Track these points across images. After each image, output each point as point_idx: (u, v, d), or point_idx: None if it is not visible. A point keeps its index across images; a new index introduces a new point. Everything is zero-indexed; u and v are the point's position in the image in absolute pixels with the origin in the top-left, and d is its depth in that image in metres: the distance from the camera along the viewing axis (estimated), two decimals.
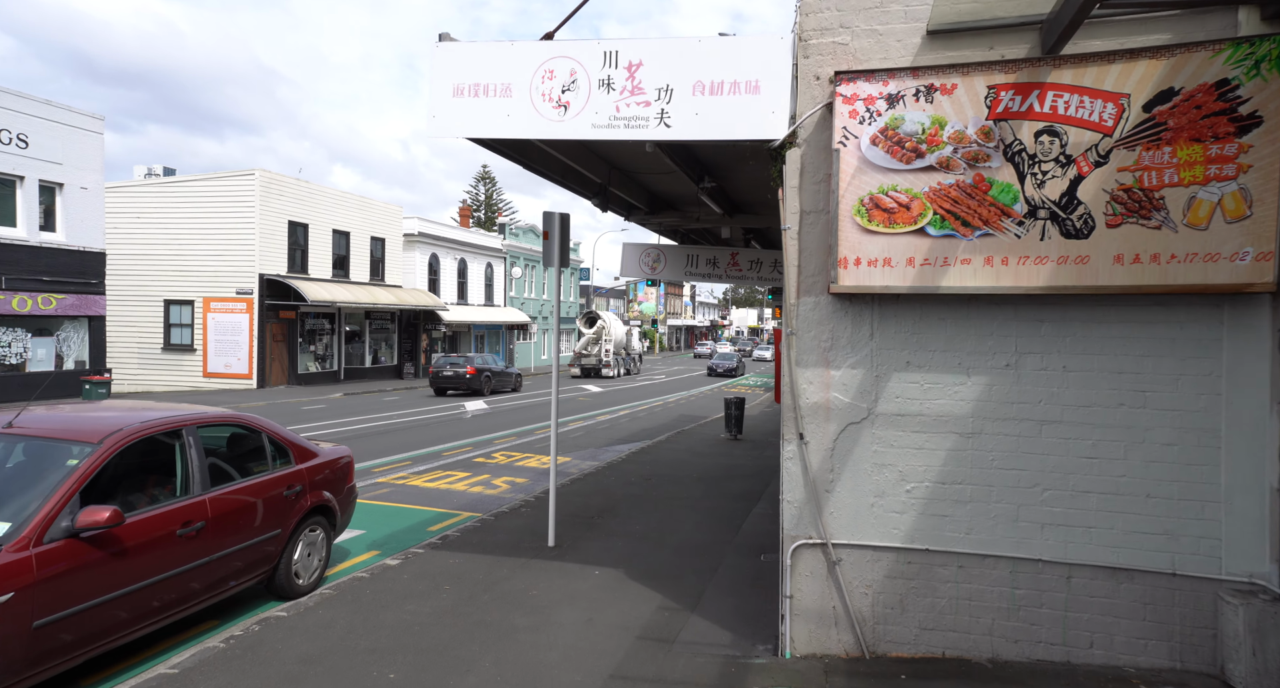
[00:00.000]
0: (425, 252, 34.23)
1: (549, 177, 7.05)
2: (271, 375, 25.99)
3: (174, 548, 4.51)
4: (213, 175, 26.17)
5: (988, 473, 4.34)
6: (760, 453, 14.09)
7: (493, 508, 9.07)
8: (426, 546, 7.08)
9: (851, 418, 4.56)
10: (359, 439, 14.46)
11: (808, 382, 4.64)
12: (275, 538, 5.45)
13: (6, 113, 18.39)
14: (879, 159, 4.35)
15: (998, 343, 4.35)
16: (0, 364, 18.69)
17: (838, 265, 4.42)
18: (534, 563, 6.60)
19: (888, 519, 4.49)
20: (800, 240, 4.68)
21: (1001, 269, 4.17)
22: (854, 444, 4.55)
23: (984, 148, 4.18)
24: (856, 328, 4.58)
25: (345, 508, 6.46)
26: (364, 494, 9.63)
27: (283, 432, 5.85)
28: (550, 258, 7.05)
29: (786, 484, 4.66)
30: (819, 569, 4.58)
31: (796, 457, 4.64)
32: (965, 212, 4.22)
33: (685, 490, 10.21)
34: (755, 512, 9.07)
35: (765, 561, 6.97)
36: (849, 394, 4.58)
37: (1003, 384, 4.33)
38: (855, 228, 4.39)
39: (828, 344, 4.63)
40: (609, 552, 7.07)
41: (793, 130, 4.66)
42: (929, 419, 4.44)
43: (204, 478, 4.86)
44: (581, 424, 18.28)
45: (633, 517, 8.56)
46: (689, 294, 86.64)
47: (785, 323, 4.77)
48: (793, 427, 4.66)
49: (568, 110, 4.98)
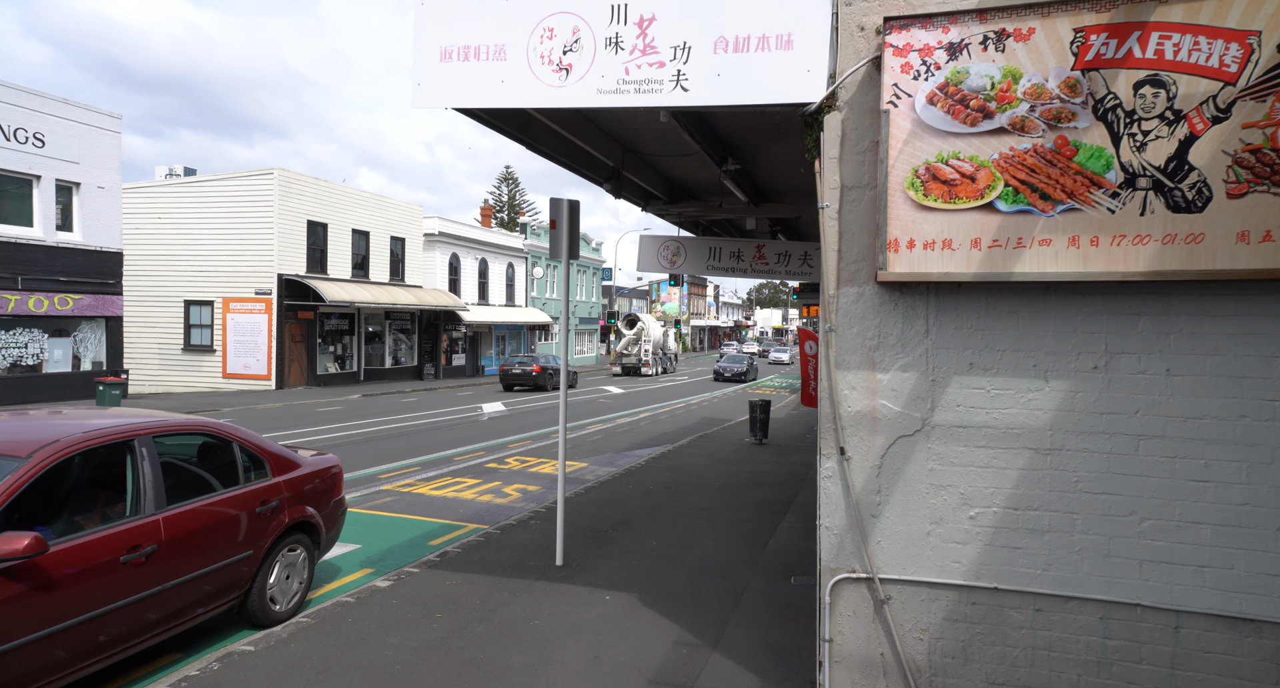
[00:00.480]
0: (446, 251, 33.89)
1: (557, 159, 6.42)
2: (290, 376, 25.76)
3: (119, 576, 3.94)
4: (232, 175, 26.02)
5: (1070, 497, 3.60)
6: (786, 459, 13.35)
7: (501, 519, 8.46)
8: (423, 564, 6.48)
9: (903, 430, 3.85)
10: (370, 443, 13.98)
11: (850, 387, 3.94)
12: (246, 560, 4.87)
13: (23, 111, 18.28)
14: (937, 121, 3.64)
15: (1082, 341, 3.61)
16: (17, 365, 18.58)
17: (886, 249, 3.71)
18: (538, 586, 5.96)
19: (947, 551, 3.77)
20: (841, 221, 3.98)
21: (1090, 251, 3.43)
22: (906, 461, 3.84)
23: (1069, 104, 3.44)
24: (908, 323, 3.87)
25: (332, 524, 5.88)
26: (366, 503, 9.09)
27: (257, 440, 5.27)
28: (558, 248, 6.41)
29: (825, 507, 3.96)
30: (864, 609, 3.87)
31: (836, 475, 3.94)
32: (1044, 182, 3.49)
33: (707, 501, 9.52)
34: (783, 526, 8.35)
35: (796, 584, 6.26)
36: (899, 402, 3.86)
37: (1089, 391, 3.59)
38: (908, 204, 3.68)
39: (874, 342, 3.92)
40: (622, 572, 6.41)
41: (832, 91, 3.96)
42: (997, 432, 3.71)
43: (158, 495, 4.29)
44: (600, 427, 17.66)
45: (650, 530, 7.90)
46: (712, 294, 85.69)
47: (823, 318, 4.07)
48: (832, 439, 3.95)
49: (570, 74, 4.33)
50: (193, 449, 4.98)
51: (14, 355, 18.52)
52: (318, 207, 26.87)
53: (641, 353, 38.90)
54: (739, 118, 5.69)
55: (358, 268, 28.83)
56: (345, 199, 28.22)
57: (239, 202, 25.51)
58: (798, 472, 12.03)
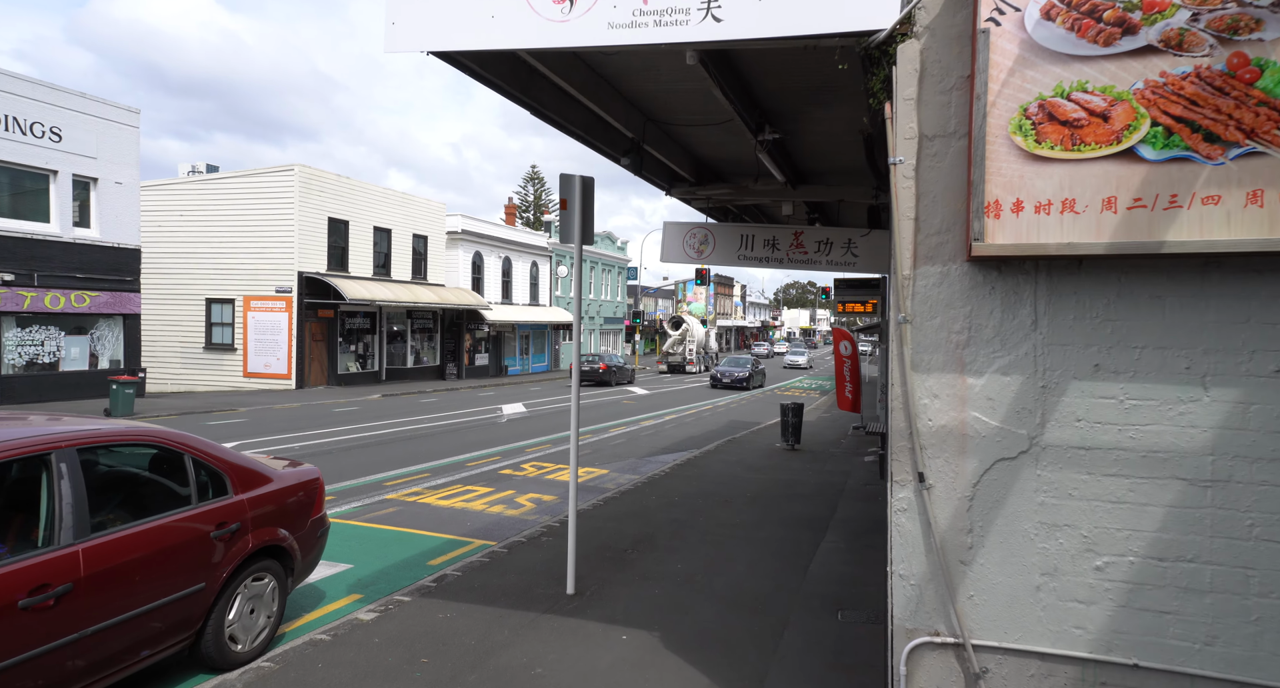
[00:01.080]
0: (469, 250, 33.37)
1: (567, 129, 5.60)
2: (311, 376, 25.37)
3: (20, 623, 3.21)
4: (252, 171, 25.72)
5: (1243, 547, 2.68)
6: (822, 467, 12.40)
7: (510, 535, 7.68)
8: (417, 590, 5.71)
9: (1002, 451, 2.95)
10: (382, 446, 13.33)
11: (930, 394, 3.05)
12: (197, 595, 4.12)
13: (40, 105, 18.02)
14: (1056, 42, 2.74)
15: (1260, 335, 2.69)
16: (33, 363, 18.33)
17: (984, 213, 2.82)
18: (545, 621, 5.14)
19: (1065, 612, 2.87)
20: (919, 181, 3.09)
21: (1278, 211, 2.51)
22: (1007, 491, 2.94)
23: (1250, 7, 2.52)
24: (1009, 312, 2.97)
25: (309, 547, 5.13)
26: (367, 515, 8.38)
27: (216, 451, 4.53)
28: (569, 230, 5.59)
29: (899, 549, 3.08)
30: (950, 684, 2.98)
31: (914, 508, 3.05)
32: (1210, 118, 2.57)
33: (737, 515, 8.64)
34: (824, 546, 7.44)
35: (845, 622, 5.37)
36: (997, 414, 2.97)
37: (1269, 402, 2.66)
38: (1014, 154, 2.79)
39: (962, 337, 3.03)
40: (642, 603, 5.57)
41: (908, 12, 3.08)
42: (1134, 456, 2.80)
43: (79, 521, 3.55)
44: (624, 430, 16.85)
45: (674, 550, 7.05)
46: (739, 294, 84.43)
47: (894, 306, 3.19)
48: (907, 462, 3.07)
49: (574, 5, 3.50)
50: (134, 463, 4.25)
51: (30, 353, 18.28)
52: (339, 203, 26.46)
53: (686, 352, 41.03)
54: (780, 68, 4.81)
55: (379, 266, 28.38)
56: (367, 196, 27.79)
57: (260, 198, 25.19)
58: (834, 481, 11.08)
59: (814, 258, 7.78)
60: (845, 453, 14.18)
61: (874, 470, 12.08)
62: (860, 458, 13.56)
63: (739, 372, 30.94)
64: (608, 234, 47.02)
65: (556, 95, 5.19)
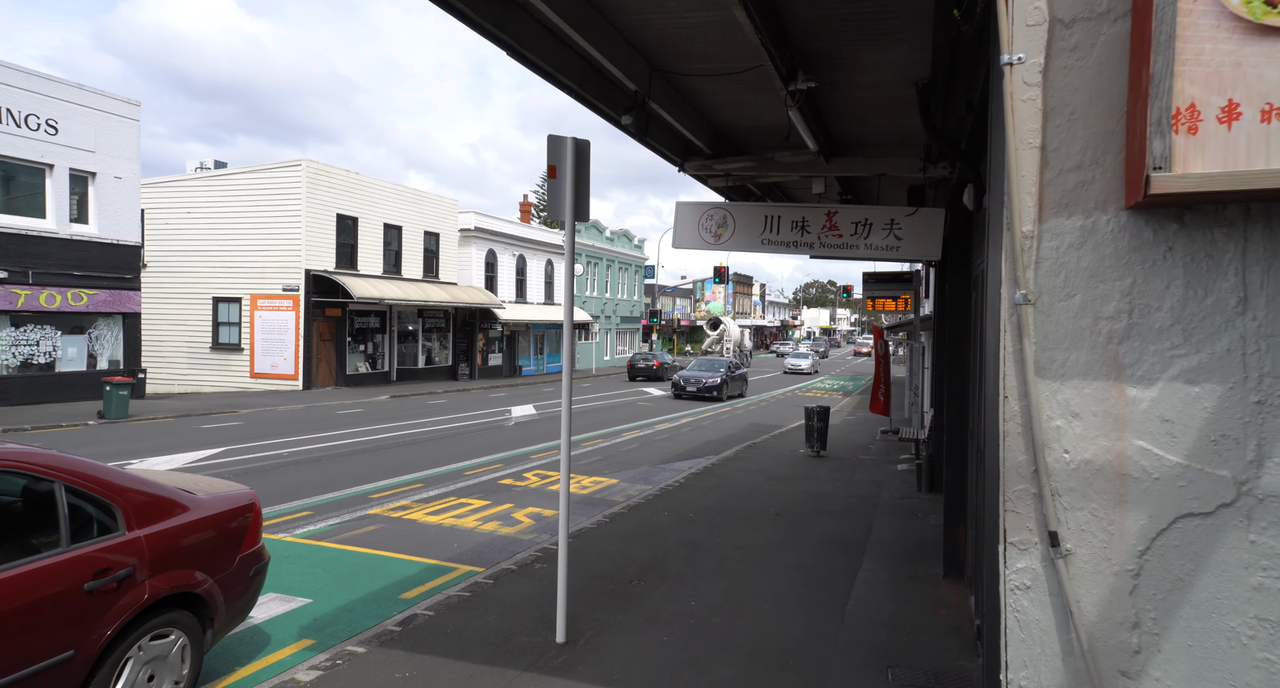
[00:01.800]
0: (482, 247, 32.56)
1: (556, 80, 4.60)
2: (318, 376, 24.67)
3: None
4: (259, 167, 25.07)
5: None
6: (850, 476, 11.31)
7: (501, 559, 6.71)
8: (377, 637, 4.74)
9: (1190, 502, 1.90)
10: (378, 452, 12.45)
11: (1067, 412, 2.01)
12: (62, 668, 3.18)
13: (34, 97, 17.41)
14: None
15: None
16: (29, 364, 17.73)
17: (1169, 126, 1.77)
18: (525, 683, 4.14)
19: None
20: (1047, 89, 2.05)
21: None
22: (1199, 566, 1.89)
23: None
24: (1199, 286, 1.92)
25: (239, 591, 4.16)
26: (342, 534, 7.45)
27: (104, 476, 3.58)
28: (559, 202, 4.60)
29: (1016, 646, 2.03)
30: None
31: (1041, 585, 2.01)
32: None
33: (760, 535, 7.60)
34: (862, 576, 6.38)
35: (897, 683, 4.32)
36: (1181, 446, 1.91)
37: None
38: (1225, 25, 1.74)
39: (1118, 326, 1.98)
40: (647, 657, 4.56)
41: None
42: None
43: None
44: (637, 434, 15.83)
45: (687, 581, 6.03)
46: (758, 293, 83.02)
47: (1007, 279, 2.14)
48: (1030, 514, 2.02)
49: None
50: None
51: (26, 353, 17.68)
52: (348, 199, 25.73)
53: (723, 351, 45.68)
54: None
55: (390, 264, 27.63)
56: (377, 192, 27.04)
57: (266, 194, 24.53)
58: (866, 493, 9.99)
59: (850, 242, 6.71)
60: (876, 460, 13.06)
61: (909, 481, 10.95)
62: (893, 466, 12.43)
63: (709, 379, 24.09)
64: (624, 232, 46.03)
65: (537, 32, 4.18)
